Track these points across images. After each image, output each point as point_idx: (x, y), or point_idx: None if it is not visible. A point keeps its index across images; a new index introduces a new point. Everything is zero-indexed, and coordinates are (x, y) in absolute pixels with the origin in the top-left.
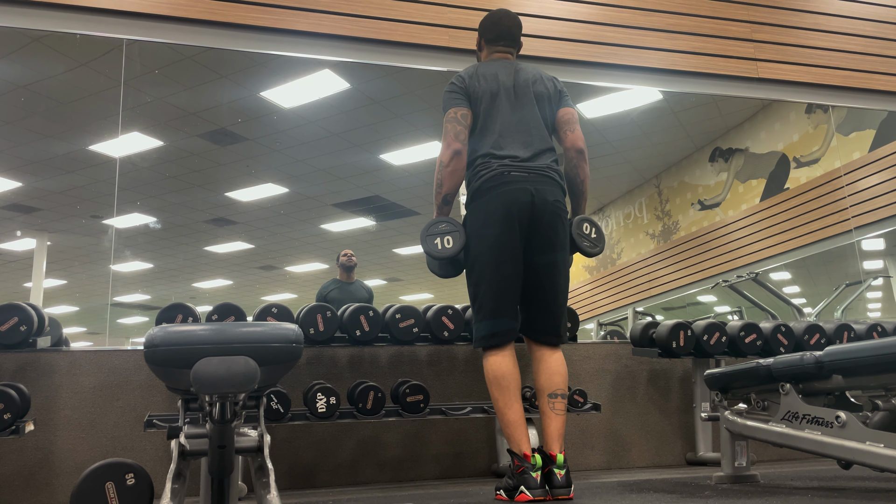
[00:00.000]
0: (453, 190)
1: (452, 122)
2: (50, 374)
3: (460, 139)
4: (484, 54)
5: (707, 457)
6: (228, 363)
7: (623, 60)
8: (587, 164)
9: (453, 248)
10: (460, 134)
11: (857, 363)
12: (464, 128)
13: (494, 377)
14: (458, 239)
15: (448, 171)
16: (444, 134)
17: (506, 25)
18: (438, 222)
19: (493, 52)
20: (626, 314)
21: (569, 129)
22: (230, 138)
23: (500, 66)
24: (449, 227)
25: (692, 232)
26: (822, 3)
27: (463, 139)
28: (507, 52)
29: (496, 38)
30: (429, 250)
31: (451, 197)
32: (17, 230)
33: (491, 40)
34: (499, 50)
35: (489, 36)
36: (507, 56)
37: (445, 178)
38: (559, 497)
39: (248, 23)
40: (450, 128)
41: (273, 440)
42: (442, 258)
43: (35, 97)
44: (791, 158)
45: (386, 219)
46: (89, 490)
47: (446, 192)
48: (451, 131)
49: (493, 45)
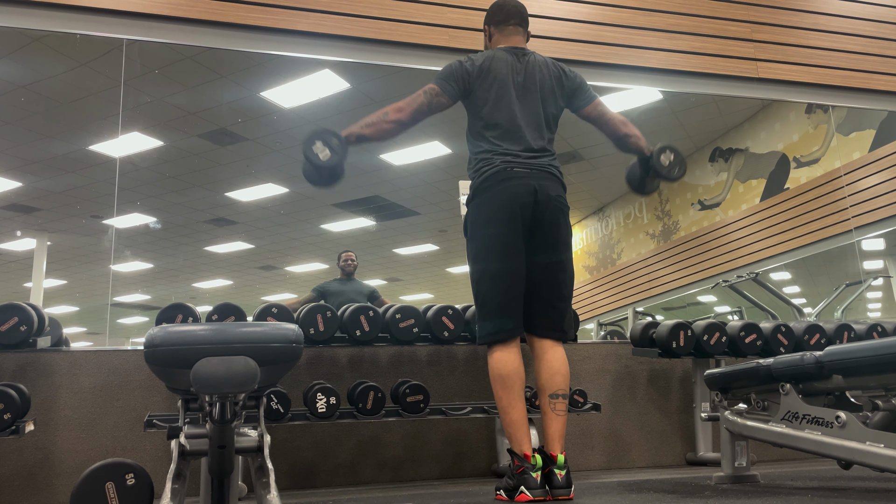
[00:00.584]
0: (370, 137)
1: (427, 97)
2: (50, 374)
3: (416, 116)
4: (494, 40)
5: (707, 457)
6: (228, 363)
7: (623, 60)
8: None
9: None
10: (419, 112)
11: (857, 363)
12: (428, 110)
13: (500, 375)
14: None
15: (384, 126)
16: (412, 98)
17: (512, 4)
18: (328, 132)
19: (504, 33)
20: (626, 314)
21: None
22: (230, 138)
23: (510, 55)
24: (335, 140)
25: (692, 232)
26: (822, 3)
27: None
28: (518, 29)
29: (506, 17)
30: (307, 153)
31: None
32: (17, 230)
33: (500, 21)
34: (510, 30)
35: (498, 18)
36: (518, 38)
37: (377, 126)
38: (559, 497)
39: (248, 23)
40: (420, 99)
41: (273, 440)
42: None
43: (35, 97)
44: (791, 158)
45: (386, 219)
46: (89, 490)
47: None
48: (415, 102)
49: (503, 25)
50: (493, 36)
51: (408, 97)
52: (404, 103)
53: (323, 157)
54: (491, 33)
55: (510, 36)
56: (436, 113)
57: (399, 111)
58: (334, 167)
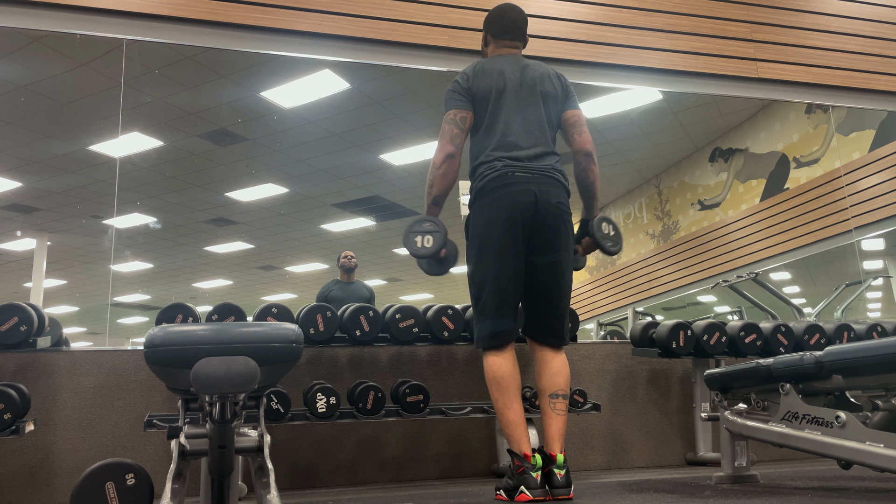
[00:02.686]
0: (443, 192)
1: (450, 125)
2: (50, 374)
3: (455, 143)
4: (490, 49)
5: (707, 457)
6: (228, 363)
7: (623, 60)
8: (596, 165)
9: (432, 247)
10: (456, 137)
11: (857, 363)
12: (460, 131)
13: (494, 377)
14: (438, 239)
15: (440, 172)
16: (441, 135)
17: (511, 19)
18: (422, 221)
19: (500, 46)
20: (626, 314)
21: (576, 131)
22: (230, 138)
23: (507, 61)
24: (431, 226)
25: (692, 232)
26: (822, 3)
27: (458, 143)
28: (513, 46)
29: (502, 31)
30: (408, 247)
31: (440, 199)
32: (17, 230)
33: (497, 34)
34: (505, 44)
35: (495, 30)
36: (513, 51)
37: (437, 179)
38: (559, 497)
39: (248, 23)
40: (446, 129)
41: (273, 440)
42: (419, 257)
43: (35, 97)
44: (791, 158)
45: (386, 219)
46: (89, 490)
47: (436, 194)
48: (446, 133)
49: (499, 39)
50: (489, 44)
51: (440, 139)
52: (444, 143)
53: (430, 245)
54: (487, 41)
55: (505, 49)
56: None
57: (445, 154)
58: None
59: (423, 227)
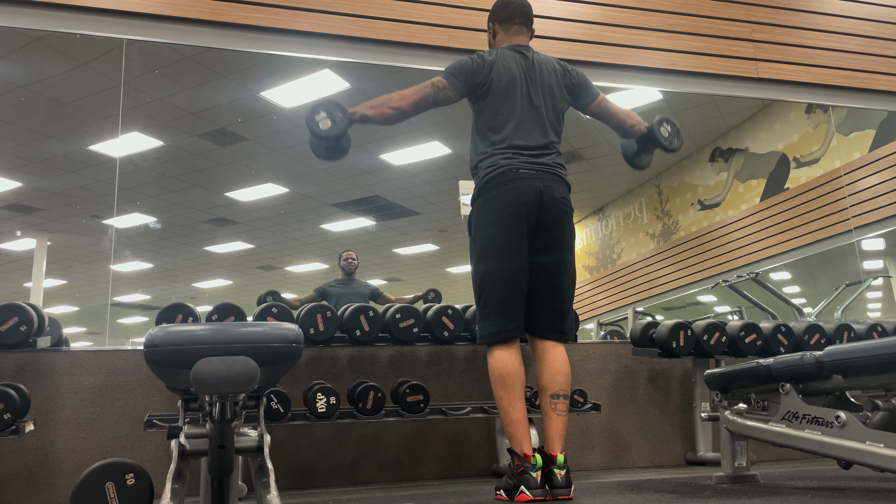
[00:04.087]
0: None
1: (432, 89)
2: (50, 374)
3: (418, 105)
4: (499, 38)
5: (707, 457)
6: (228, 363)
7: (623, 60)
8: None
9: (330, 130)
10: (422, 101)
11: (857, 363)
12: (431, 101)
13: (500, 375)
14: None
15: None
16: (418, 89)
17: (518, 3)
18: (332, 104)
19: (509, 32)
20: (626, 314)
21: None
22: (230, 138)
23: (516, 55)
24: (337, 110)
25: (692, 232)
26: (822, 3)
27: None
28: (522, 28)
29: (511, 16)
30: (310, 124)
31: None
32: (17, 230)
33: (506, 19)
34: (514, 30)
35: (503, 16)
36: (522, 38)
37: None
38: (559, 497)
39: (248, 23)
40: (426, 89)
41: (273, 440)
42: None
43: (35, 97)
44: (791, 158)
45: (386, 219)
46: (89, 490)
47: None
48: (422, 91)
49: (508, 23)
50: (497, 34)
51: (414, 86)
52: (410, 91)
53: (324, 127)
54: (495, 31)
55: (515, 35)
56: (440, 106)
57: (403, 99)
58: (335, 138)
59: (330, 109)
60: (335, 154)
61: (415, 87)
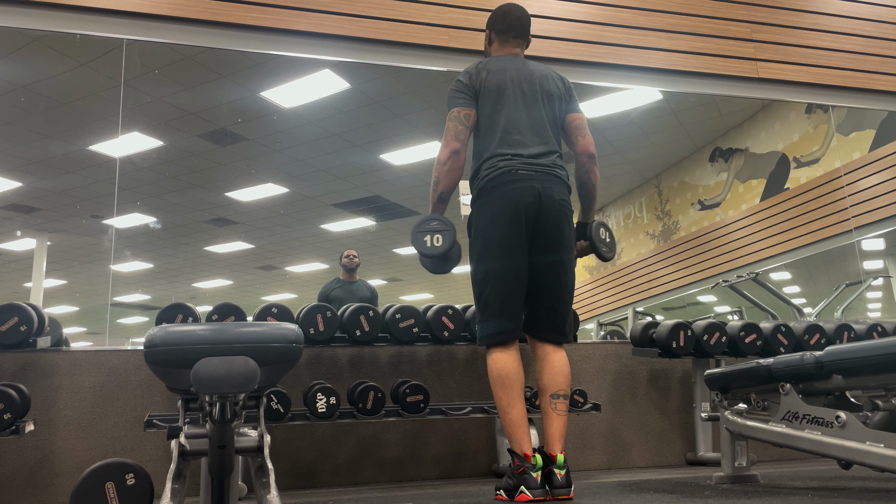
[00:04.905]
0: (449, 189)
1: (454, 122)
2: (50, 374)
3: (460, 139)
4: (493, 48)
5: (707, 457)
6: (228, 363)
7: (623, 60)
8: (597, 167)
9: (442, 246)
10: (460, 134)
11: (857, 363)
12: (465, 128)
13: (499, 375)
14: (447, 238)
15: (445, 169)
16: (445, 132)
17: (516, 16)
18: (430, 220)
19: (504, 43)
20: (626, 314)
21: (580, 134)
22: (230, 138)
23: (509, 61)
24: (440, 225)
25: (692, 232)
26: (822, 3)
27: (463, 139)
28: (517, 42)
29: (507, 28)
30: (418, 247)
31: (446, 196)
32: (17, 230)
33: (501, 31)
34: (509, 42)
35: (499, 27)
36: (516, 50)
37: (442, 176)
38: (559, 497)
39: (248, 23)
40: (451, 126)
41: (273, 440)
42: (429, 256)
43: (35, 97)
44: (791, 158)
45: (386, 219)
46: (89, 490)
47: (442, 191)
48: (451, 130)
49: (503, 35)
50: (493, 42)
51: (445, 136)
52: (447, 141)
53: (439, 245)
54: (491, 39)
55: (510, 48)
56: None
57: (452, 151)
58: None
59: (432, 225)
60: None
61: (447, 135)
